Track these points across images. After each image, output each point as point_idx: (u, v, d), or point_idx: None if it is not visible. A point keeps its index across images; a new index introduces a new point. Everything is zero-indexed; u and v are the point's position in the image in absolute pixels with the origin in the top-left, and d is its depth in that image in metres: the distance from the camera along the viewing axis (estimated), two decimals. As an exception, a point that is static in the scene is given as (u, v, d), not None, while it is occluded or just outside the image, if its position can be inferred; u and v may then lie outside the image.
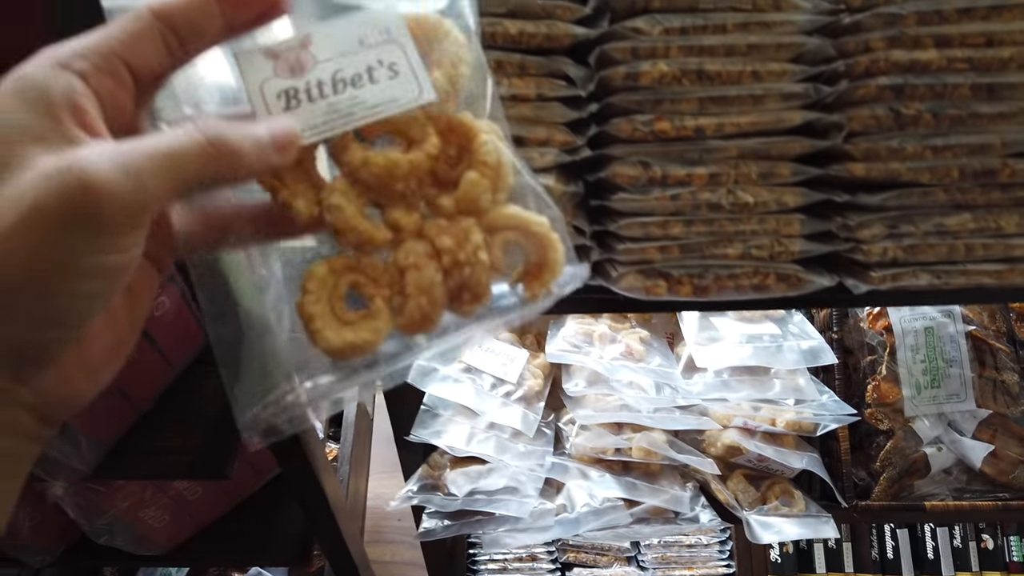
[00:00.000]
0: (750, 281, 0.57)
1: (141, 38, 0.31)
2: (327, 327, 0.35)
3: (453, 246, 0.35)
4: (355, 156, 0.35)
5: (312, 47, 0.36)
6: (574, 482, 1.02)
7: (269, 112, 0.35)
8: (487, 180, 0.36)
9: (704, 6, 0.56)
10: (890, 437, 1.06)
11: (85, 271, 0.27)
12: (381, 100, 0.36)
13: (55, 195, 0.25)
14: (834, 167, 0.56)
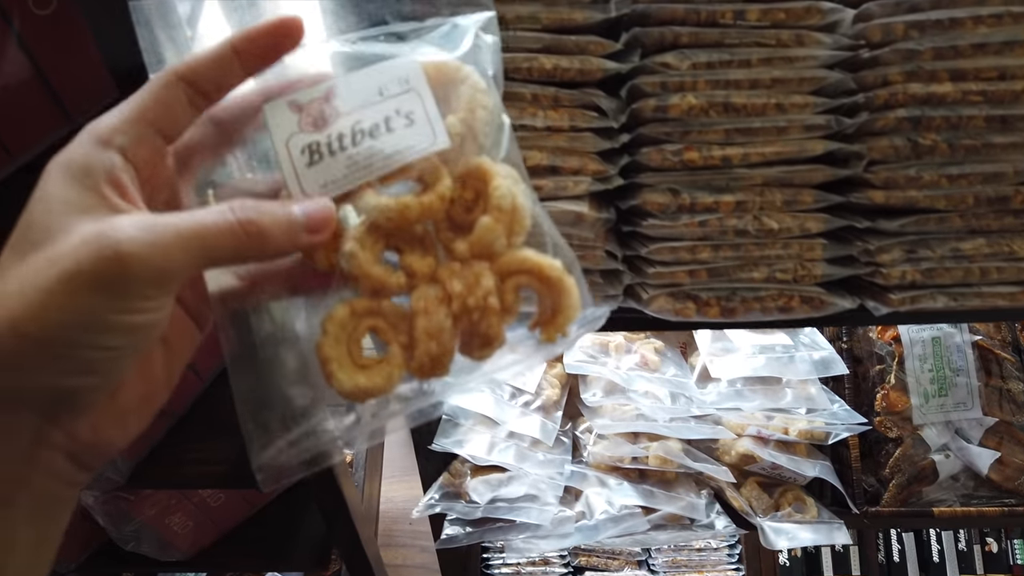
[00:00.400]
0: (775, 303, 0.60)
1: (170, 104, 0.34)
2: (341, 370, 0.36)
3: (463, 291, 0.35)
4: (369, 201, 0.36)
5: (335, 100, 0.37)
6: (592, 489, 1.05)
7: (294, 168, 0.36)
8: (501, 225, 0.36)
9: (730, 41, 0.58)
10: (899, 444, 1.09)
11: (111, 328, 0.29)
12: (397, 149, 0.36)
13: (88, 259, 0.28)
14: (855, 194, 0.59)
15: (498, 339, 0.36)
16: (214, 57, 0.34)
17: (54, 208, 0.30)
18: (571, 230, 0.59)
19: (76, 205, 0.30)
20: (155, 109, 0.33)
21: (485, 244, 0.36)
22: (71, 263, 0.28)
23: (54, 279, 0.28)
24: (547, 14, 0.58)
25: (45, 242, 0.29)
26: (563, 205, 0.59)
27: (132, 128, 0.33)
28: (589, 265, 0.61)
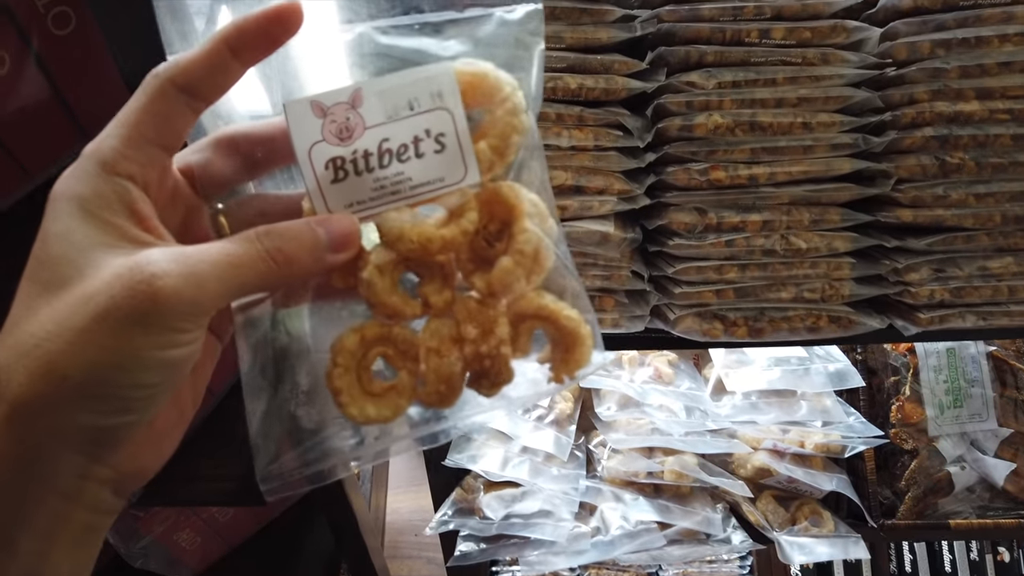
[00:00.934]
0: (803, 323, 0.60)
1: (169, 116, 0.32)
2: (351, 402, 0.36)
3: (477, 337, 0.35)
4: (392, 228, 0.35)
5: (362, 106, 0.35)
6: (607, 504, 1.04)
7: (318, 182, 0.35)
8: (521, 269, 0.35)
9: (756, 60, 0.58)
10: (914, 456, 1.08)
11: (148, 365, 0.29)
12: (426, 179, 0.35)
13: (123, 294, 0.28)
14: (882, 213, 0.59)
15: (508, 380, 0.36)
16: (207, 57, 0.32)
17: (77, 242, 0.29)
18: (596, 250, 0.59)
19: (99, 240, 0.29)
20: (155, 124, 0.31)
21: (504, 285, 0.35)
22: (106, 299, 0.28)
23: (90, 318, 0.27)
24: (571, 33, 0.57)
25: (75, 278, 0.29)
26: (588, 225, 0.58)
27: (137, 152, 0.31)
28: (615, 285, 0.61)
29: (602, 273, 0.60)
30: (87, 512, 0.31)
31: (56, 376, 0.27)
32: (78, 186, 0.30)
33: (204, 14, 0.47)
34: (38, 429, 0.28)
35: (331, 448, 0.38)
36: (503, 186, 0.36)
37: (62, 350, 0.27)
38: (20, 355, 0.28)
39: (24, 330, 0.28)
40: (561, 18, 0.57)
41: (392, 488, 1.91)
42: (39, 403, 0.28)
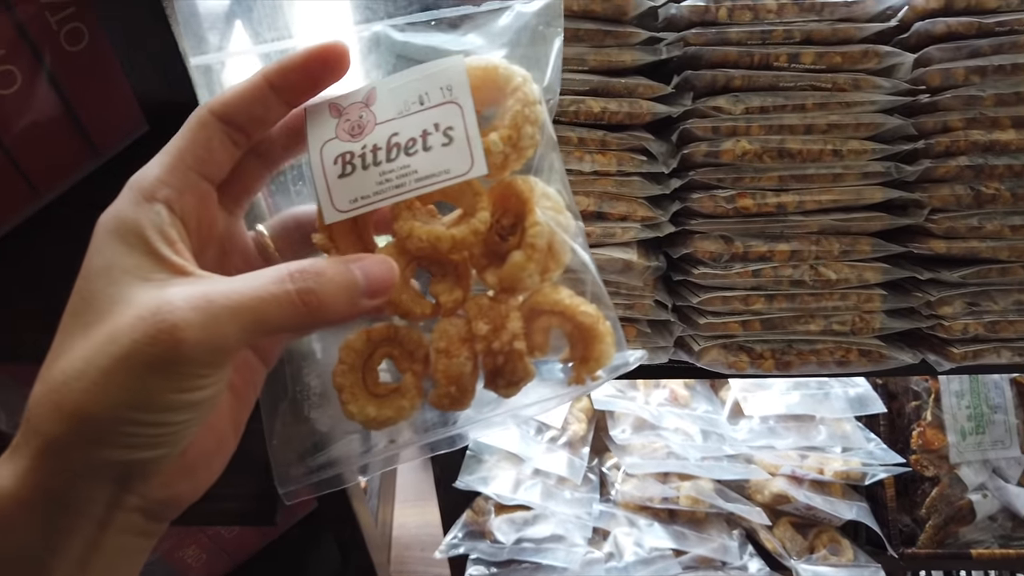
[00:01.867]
0: (832, 356, 0.58)
1: (210, 147, 0.32)
2: (353, 400, 0.35)
3: (488, 334, 0.34)
4: (403, 226, 0.34)
5: (375, 104, 0.35)
6: (621, 530, 1.02)
7: (326, 179, 0.34)
8: (533, 263, 0.34)
9: (784, 85, 0.56)
10: (936, 484, 1.06)
11: (171, 407, 0.29)
12: (431, 171, 0.34)
13: (144, 340, 0.28)
14: (915, 244, 0.57)
15: (525, 378, 0.35)
16: (248, 93, 0.33)
17: (113, 278, 0.30)
18: (619, 278, 0.57)
19: (132, 272, 0.30)
20: (195, 152, 0.32)
21: (515, 280, 0.34)
22: (129, 342, 0.28)
23: (113, 359, 0.28)
24: (594, 56, 0.56)
25: (107, 313, 0.29)
26: (611, 252, 0.57)
27: (175, 178, 0.32)
28: (638, 315, 0.59)
29: (624, 302, 0.58)
30: (120, 536, 0.31)
31: (82, 415, 0.28)
32: (118, 216, 0.31)
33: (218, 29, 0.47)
34: (69, 463, 0.29)
35: (344, 454, 0.38)
36: (517, 180, 0.35)
37: (87, 389, 0.28)
38: (51, 391, 0.29)
39: (57, 367, 0.29)
40: (584, 40, 0.56)
41: (399, 502, 1.89)
42: (69, 440, 0.28)
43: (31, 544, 0.29)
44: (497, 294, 0.35)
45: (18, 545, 0.29)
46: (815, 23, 0.56)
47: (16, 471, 0.29)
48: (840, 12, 0.56)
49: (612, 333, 0.35)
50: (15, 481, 0.29)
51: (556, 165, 0.38)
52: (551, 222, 0.34)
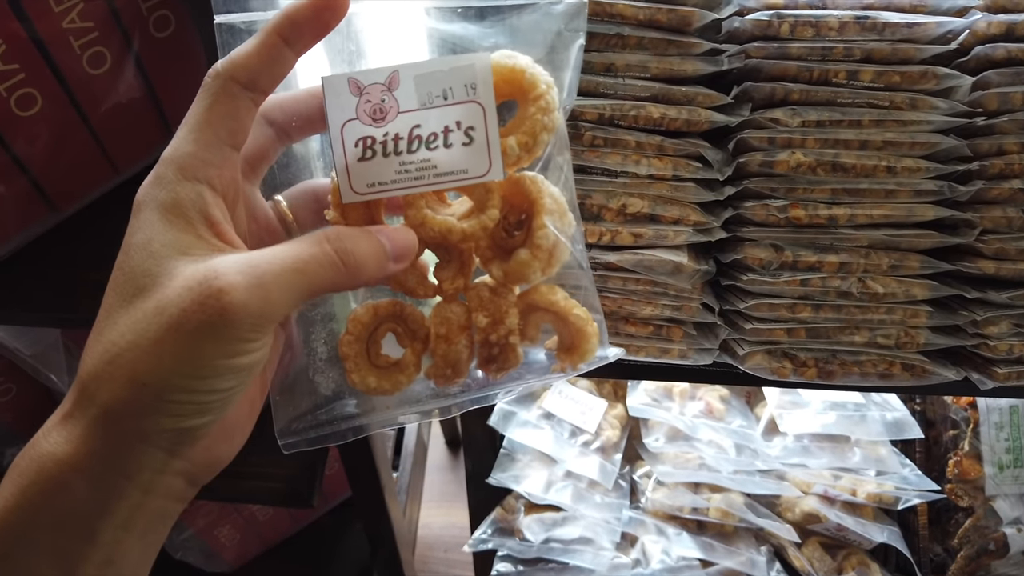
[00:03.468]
0: (876, 369, 0.59)
1: (238, 116, 0.33)
2: (356, 370, 0.38)
3: (487, 326, 0.37)
4: (416, 215, 0.36)
5: (397, 90, 0.36)
6: (649, 537, 1.03)
7: (346, 159, 0.36)
8: (538, 262, 0.37)
9: (842, 101, 0.58)
10: (969, 514, 1.05)
11: (219, 373, 0.30)
12: (450, 169, 0.36)
13: (193, 307, 0.29)
14: (964, 263, 0.58)
15: (515, 365, 0.38)
16: (263, 50, 0.33)
17: (155, 251, 0.31)
18: (668, 280, 0.59)
19: (175, 246, 0.31)
20: (226, 125, 0.33)
21: (519, 276, 0.37)
22: (177, 311, 0.29)
23: (164, 329, 0.29)
24: (657, 64, 0.58)
25: (151, 287, 0.30)
26: (662, 254, 0.58)
27: (212, 154, 0.32)
28: (684, 316, 0.60)
29: (672, 303, 0.60)
30: (162, 501, 0.33)
31: (136, 384, 0.29)
32: (158, 193, 0.32)
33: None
34: (124, 431, 0.30)
35: (342, 414, 0.40)
36: (526, 178, 0.38)
37: (140, 359, 0.29)
38: (106, 363, 0.30)
39: (108, 339, 0.30)
40: (648, 48, 0.58)
41: (425, 501, 1.91)
42: (123, 408, 0.30)
43: (83, 507, 0.30)
44: (497, 286, 0.38)
45: (71, 508, 0.30)
46: (876, 42, 0.57)
47: (70, 437, 0.30)
48: (901, 33, 0.57)
49: (598, 333, 0.39)
50: (69, 447, 0.30)
51: (565, 167, 0.40)
52: (554, 225, 0.37)
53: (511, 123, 0.38)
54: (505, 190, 0.38)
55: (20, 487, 0.30)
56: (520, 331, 0.38)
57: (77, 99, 0.66)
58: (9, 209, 0.65)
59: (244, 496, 1.06)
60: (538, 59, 0.38)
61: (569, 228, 0.38)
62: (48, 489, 0.30)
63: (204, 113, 0.33)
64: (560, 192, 0.38)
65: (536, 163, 0.39)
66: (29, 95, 0.62)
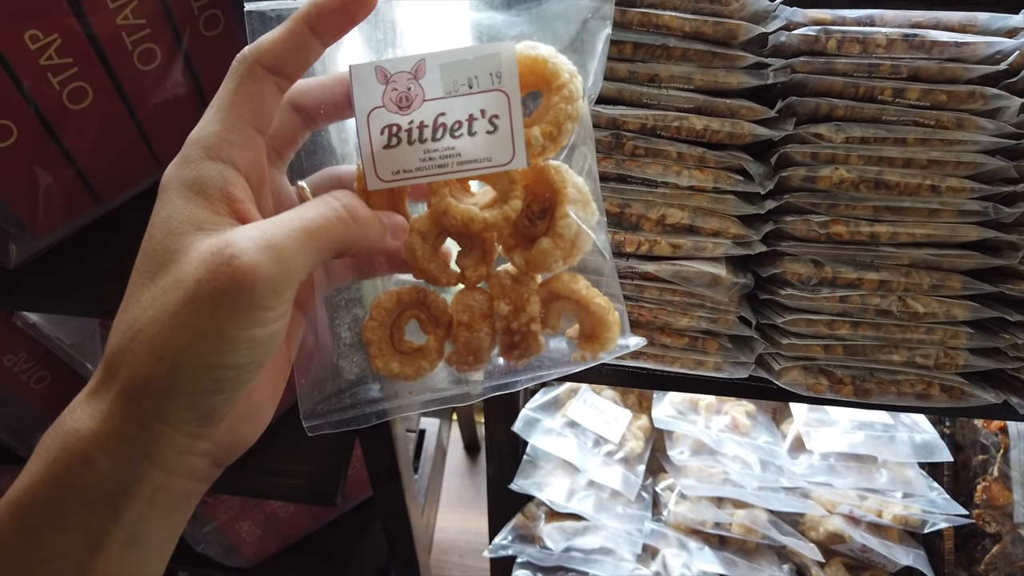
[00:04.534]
0: (913, 389, 0.58)
1: (263, 100, 0.33)
2: (380, 355, 0.39)
3: (509, 314, 0.37)
4: (440, 203, 0.37)
5: (423, 78, 0.36)
6: (670, 550, 1.03)
7: (372, 146, 0.36)
8: (560, 251, 0.37)
9: (887, 118, 0.58)
10: (997, 541, 1.03)
11: (235, 345, 0.30)
12: (474, 157, 0.36)
13: (207, 277, 0.29)
14: (1007, 286, 0.57)
15: (537, 353, 0.39)
16: (290, 37, 0.33)
17: (174, 228, 0.31)
18: (705, 291, 0.59)
19: (191, 222, 0.31)
20: (250, 108, 0.33)
21: (541, 265, 0.37)
22: (193, 283, 0.29)
23: (181, 302, 0.29)
24: (701, 76, 0.58)
25: (169, 264, 0.30)
26: (700, 266, 0.58)
27: (236, 135, 0.33)
28: (721, 329, 0.60)
29: (708, 315, 0.60)
30: (186, 481, 0.33)
31: (155, 358, 0.29)
32: (183, 173, 0.32)
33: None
34: (145, 409, 0.30)
35: (365, 398, 0.41)
36: (550, 168, 0.38)
37: (159, 334, 0.30)
38: (128, 340, 0.30)
39: (131, 315, 0.31)
40: (693, 60, 0.58)
41: (442, 506, 1.92)
42: (144, 384, 0.30)
43: (107, 485, 0.30)
44: (519, 274, 0.38)
45: (95, 485, 0.30)
46: (923, 61, 0.57)
47: (94, 414, 0.31)
48: (949, 52, 0.57)
49: (619, 323, 0.39)
50: (93, 424, 0.30)
51: (589, 157, 0.40)
52: (577, 214, 0.37)
53: (536, 113, 0.38)
54: (529, 179, 0.38)
55: (46, 463, 0.31)
56: (541, 319, 0.39)
57: (126, 94, 0.67)
58: (56, 199, 0.67)
59: (268, 492, 1.07)
60: (563, 48, 0.38)
61: (592, 217, 0.38)
62: (73, 465, 0.30)
63: (230, 96, 0.33)
64: (584, 182, 0.38)
65: (560, 152, 0.39)
66: (81, 89, 0.63)
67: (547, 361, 0.41)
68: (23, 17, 0.57)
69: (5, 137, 0.61)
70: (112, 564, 0.31)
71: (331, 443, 1.09)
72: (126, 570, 0.32)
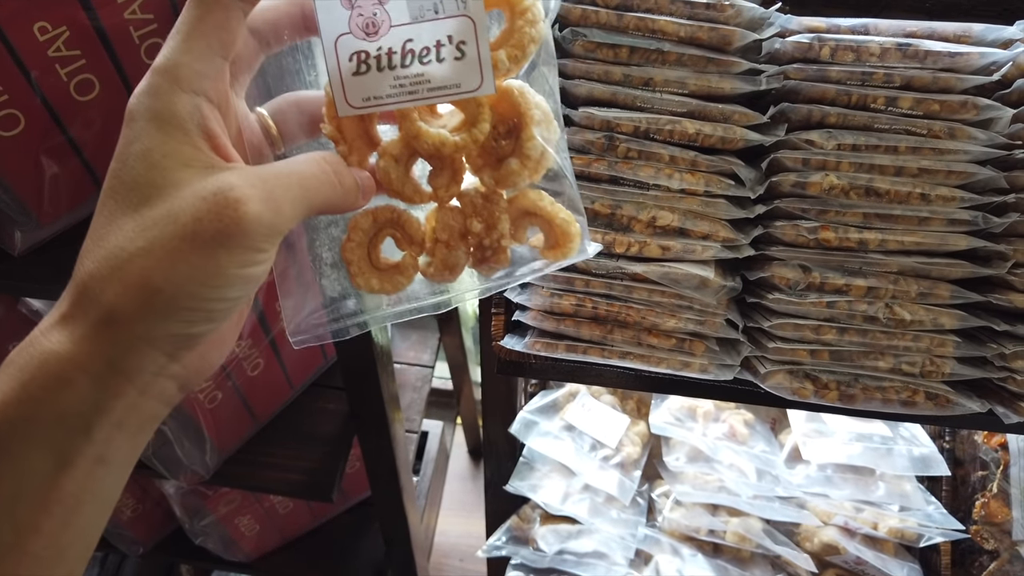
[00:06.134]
0: (898, 396, 0.58)
1: (230, 27, 0.33)
2: (360, 273, 0.40)
3: (481, 232, 0.40)
4: (411, 128, 0.38)
5: (388, 3, 0.36)
6: (664, 556, 1.02)
7: (340, 74, 0.36)
8: (526, 171, 0.39)
9: (879, 127, 0.58)
10: (995, 558, 1.02)
11: (231, 282, 0.32)
12: (443, 84, 0.37)
13: (209, 217, 0.30)
14: (995, 295, 0.57)
15: (505, 265, 0.41)
16: None
17: (157, 162, 0.31)
18: (693, 294, 0.59)
19: (176, 158, 0.31)
20: (219, 36, 0.33)
21: (509, 183, 0.39)
22: (193, 221, 0.30)
23: (179, 238, 0.30)
24: (695, 81, 0.58)
25: (156, 197, 0.31)
26: (688, 268, 0.59)
27: (207, 66, 0.33)
28: (707, 331, 0.61)
29: (696, 317, 0.60)
30: (155, 403, 0.34)
31: (150, 290, 0.30)
32: (154, 104, 0.32)
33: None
34: (131, 334, 0.31)
35: (347, 311, 0.43)
36: (513, 90, 0.39)
37: (155, 266, 0.30)
38: (114, 268, 0.31)
39: (114, 243, 0.31)
40: (688, 65, 0.59)
41: (443, 509, 1.92)
42: (132, 313, 0.31)
43: (82, 404, 0.31)
44: (489, 192, 0.40)
45: (71, 403, 0.31)
46: (916, 70, 0.57)
47: (72, 337, 0.31)
48: (943, 62, 0.57)
49: (580, 233, 0.41)
50: (72, 346, 0.31)
51: (549, 77, 0.41)
52: (542, 135, 0.39)
53: (499, 36, 0.39)
54: (494, 101, 0.39)
55: (20, 382, 0.31)
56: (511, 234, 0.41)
57: (132, 87, 0.68)
58: (61, 188, 0.68)
59: (266, 485, 1.08)
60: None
61: (554, 136, 0.40)
62: (50, 385, 0.31)
63: (196, 23, 0.32)
64: (544, 101, 0.40)
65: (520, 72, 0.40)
66: (88, 81, 0.65)
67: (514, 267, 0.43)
68: (33, 9, 0.58)
69: (12, 126, 0.62)
70: (79, 482, 0.32)
71: (329, 439, 1.10)
72: (92, 488, 0.33)
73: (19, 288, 0.76)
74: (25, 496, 0.31)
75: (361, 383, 0.91)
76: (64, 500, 0.32)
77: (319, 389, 1.16)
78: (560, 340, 0.64)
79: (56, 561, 0.33)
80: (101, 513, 0.34)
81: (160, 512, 1.31)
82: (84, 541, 0.34)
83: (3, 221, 0.68)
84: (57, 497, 0.32)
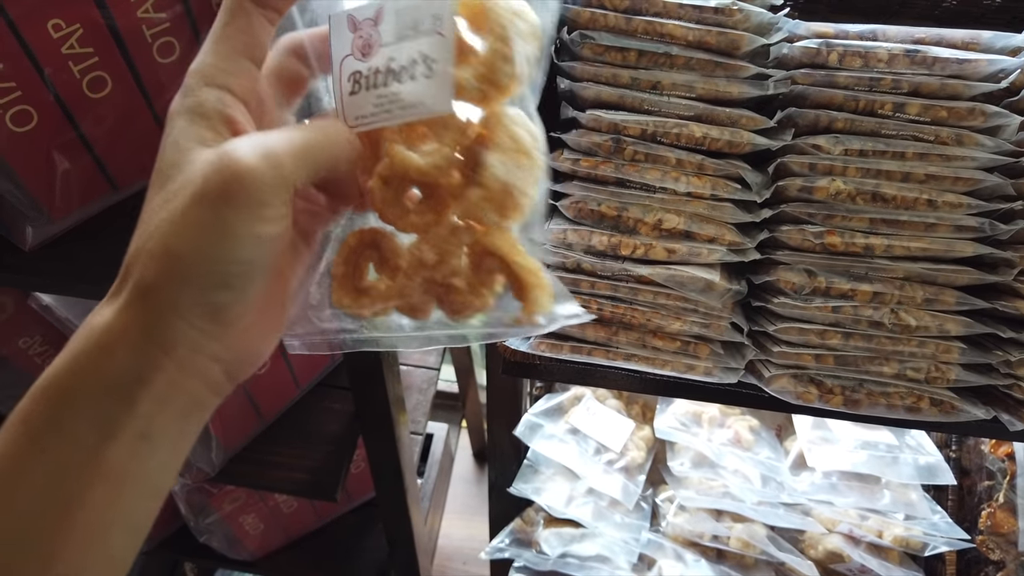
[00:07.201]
0: (903, 401, 0.58)
1: (252, 31, 0.36)
2: (340, 289, 0.40)
3: (433, 264, 0.37)
4: (388, 148, 0.37)
5: (381, 24, 0.36)
6: (667, 561, 1.02)
7: (342, 93, 0.37)
8: (490, 204, 0.35)
9: (886, 132, 0.58)
10: (1000, 568, 1.02)
11: (241, 240, 0.32)
12: (411, 102, 0.36)
13: (212, 177, 0.32)
14: (1001, 302, 0.57)
15: (468, 310, 0.37)
16: None
17: (181, 145, 0.33)
18: (699, 297, 0.59)
19: (194, 139, 0.33)
20: (242, 39, 0.35)
21: (474, 217, 0.36)
22: (201, 183, 0.32)
23: (188, 201, 0.32)
24: (703, 85, 0.59)
25: (176, 174, 0.33)
26: (694, 271, 0.59)
27: (230, 64, 0.35)
28: (712, 334, 0.61)
29: (701, 320, 0.60)
30: (198, 384, 0.35)
31: (170, 256, 0.32)
32: (185, 101, 0.35)
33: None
34: (160, 302, 0.32)
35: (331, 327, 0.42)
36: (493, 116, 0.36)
37: (168, 231, 0.32)
38: (145, 240, 0.33)
39: (146, 219, 0.33)
40: (696, 69, 0.59)
41: (447, 512, 1.92)
42: (156, 279, 0.32)
43: (124, 374, 0.32)
44: (457, 226, 0.37)
45: (113, 373, 0.32)
46: (924, 76, 0.57)
47: (115, 310, 0.33)
48: (951, 68, 0.57)
49: (544, 285, 0.36)
50: (113, 319, 0.33)
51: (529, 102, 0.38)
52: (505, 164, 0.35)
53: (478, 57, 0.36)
54: (482, 128, 0.37)
55: (72, 353, 0.33)
56: (479, 278, 0.37)
57: (144, 85, 0.69)
58: (73, 184, 0.69)
59: (271, 484, 1.08)
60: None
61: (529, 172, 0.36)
62: (94, 355, 0.32)
63: (221, 29, 0.36)
64: (533, 133, 0.37)
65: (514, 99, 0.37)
66: (101, 78, 0.65)
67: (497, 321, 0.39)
68: (47, 7, 0.59)
69: (25, 122, 0.63)
70: (123, 456, 0.33)
71: (334, 438, 1.10)
72: (135, 465, 0.33)
73: (30, 283, 0.76)
74: (72, 468, 0.32)
75: (367, 384, 0.91)
76: (108, 475, 0.33)
77: (325, 389, 1.16)
78: (565, 341, 0.64)
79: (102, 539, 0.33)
80: (147, 497, 0.35)
81: (165, 509, 1.31)
82: (129, 524, 0.34)
83: (15, 216, 0.68)
84: (102, 471, 0.32)
